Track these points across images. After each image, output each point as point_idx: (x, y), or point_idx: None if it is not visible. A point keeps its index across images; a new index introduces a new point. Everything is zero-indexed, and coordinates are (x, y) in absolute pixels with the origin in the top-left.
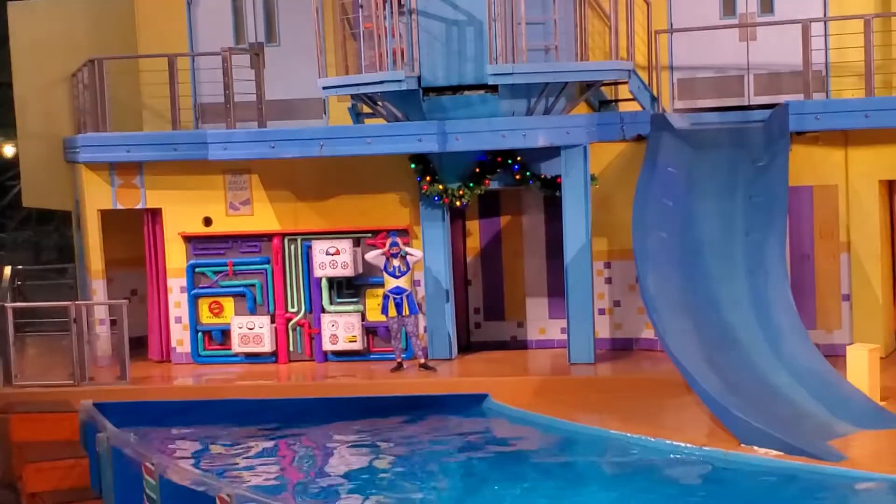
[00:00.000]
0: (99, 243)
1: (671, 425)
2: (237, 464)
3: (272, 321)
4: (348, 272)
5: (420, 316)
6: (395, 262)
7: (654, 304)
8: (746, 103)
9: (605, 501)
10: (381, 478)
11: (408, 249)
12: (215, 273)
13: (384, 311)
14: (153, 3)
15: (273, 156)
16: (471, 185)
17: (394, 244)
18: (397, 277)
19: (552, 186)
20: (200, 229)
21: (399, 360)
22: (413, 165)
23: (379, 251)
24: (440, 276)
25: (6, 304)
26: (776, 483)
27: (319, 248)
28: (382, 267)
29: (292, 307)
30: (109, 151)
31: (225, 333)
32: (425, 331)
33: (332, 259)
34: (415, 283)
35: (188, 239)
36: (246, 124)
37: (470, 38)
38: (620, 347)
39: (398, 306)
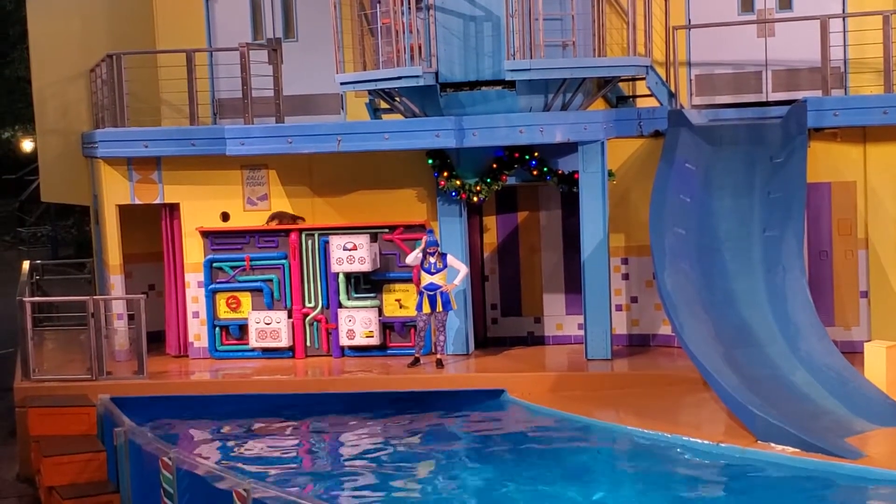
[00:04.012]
0: (117, 238)
1: (688, 422)
2: (254, 458)
3: (289, 316)
4: (365, 267)
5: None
6: (432, 259)
7: (671, 301)
8: (764, 99)
9: (622, 498)
10: (398, 472)
11: (455, 262)
12: (233, 268)
13: (419, 308)
14: None
15: (290, 151)
16: (488, 180)
17: (431, 242)
18: (432, 274)
19: (569, 182)
20: (218, 224)
21: (418, 355)
22: (430, 161)
23: (417, 251)
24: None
25: (25, 299)
26: (793, 480)
27: (337, 243)
28: (419, 264)
29: (309, 302)
30: (127, 147)
31: (242, 328)
32: (443, 327)
33: (350, 254)
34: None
35: (206, 234)
36: (263, 120)
37: (487, 34)
38: (637, 344)
39: (432, 302)
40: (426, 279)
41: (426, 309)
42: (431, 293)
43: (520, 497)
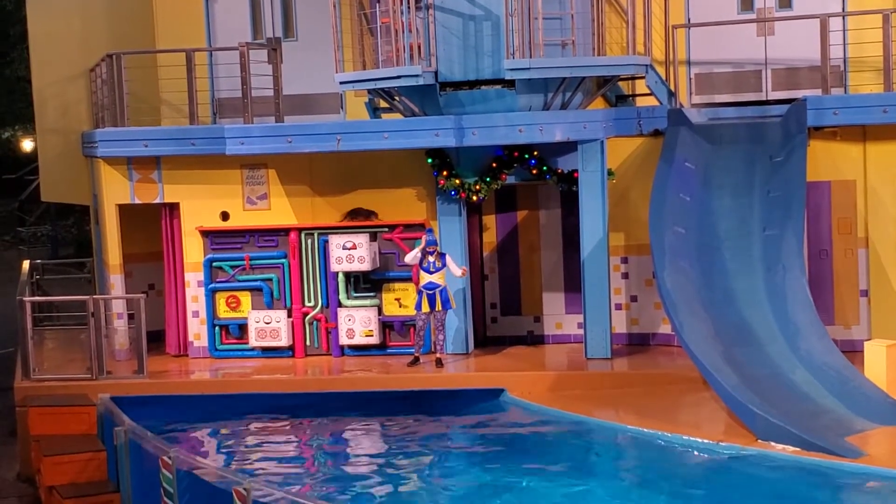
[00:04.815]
0: (117, 238)
1: (688, 421)
2: (253, 457)
3: (289, 315)
4: (365, 266)
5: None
6: (431, 258)
7: (671, 300)
8: (764, 98)
9: (621, 497)
10: (397, 472)
11: (452, 265)
12: (232, 267)
13: (418, 306)
14: None
15: (290, 150)
16: (487, 179)
17: (431, 242)
18: (431, 273)
19: (569, 181)
20: (218, 224)
21: (417, 354)
22: (430, 160)
23: (417, 250)
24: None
25: (25, 299)
26: (793, 479)
27: (336, 242)
28: (418, 262)
29: (309, 301)
30: (127, 146)
31: (242, 328)
32: (442, 326)
33: (349, 254)
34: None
35: (205, 233)
36: (263, 119)
37: (487, 33)
38: (637, 343)
39: (431, 301)
40: (425, 278)
41: (425, 308)
42: (430, 292)
43: (519, 496)
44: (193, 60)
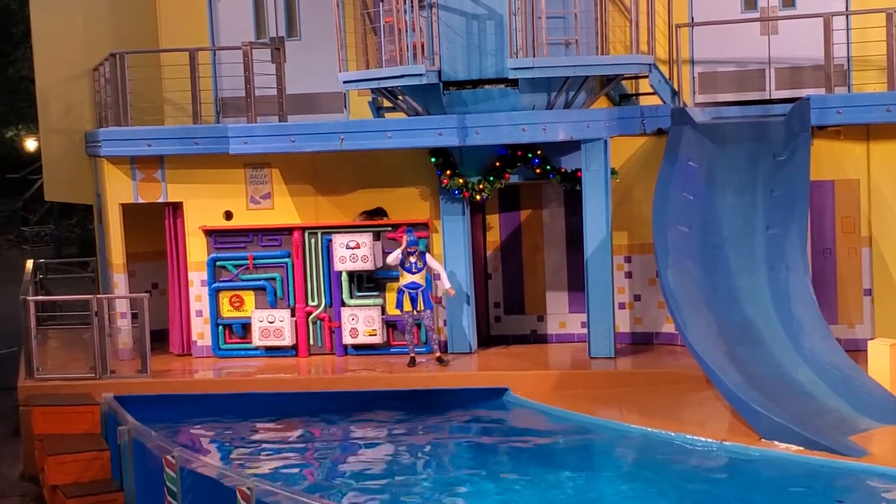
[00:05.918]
0: (120, 237)
1: (691, 420)
2: (257, 457)
3: (292, 315)
4: (368, 266)
5: (439, 309)
6: (412, 258)
7: (674, 299)
8: (768, 97)
9: (625, 496)
10: (400, 471)
11: (435, 268)
12: (236, 267)
13: (398, 305)
14: None
15: (293, 150)
16: (491, 178)
17: (412, 242)
18: (413, 273)
19: (572, 180)
20: (221, 223)
21: (412, 354)
22: (433, 159)
23: (398, 250)
24: (460, 270)
25: (28, 298)
26: (797, 478)
27: (340, 241)
28: (399, 262)
29: (312, 301)
30: (131, 145)
31: (245, 327)
32: (444, 324)
33: (353, 253)
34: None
35: (209, 233)
36: (267, 118)
37: (490, 32)
38: (640, 342)
39: (413, 301)
40: (407, 278)
41: (407, 307)
42: (413, 291)
43: (523, 496)
44: (197, 60)
